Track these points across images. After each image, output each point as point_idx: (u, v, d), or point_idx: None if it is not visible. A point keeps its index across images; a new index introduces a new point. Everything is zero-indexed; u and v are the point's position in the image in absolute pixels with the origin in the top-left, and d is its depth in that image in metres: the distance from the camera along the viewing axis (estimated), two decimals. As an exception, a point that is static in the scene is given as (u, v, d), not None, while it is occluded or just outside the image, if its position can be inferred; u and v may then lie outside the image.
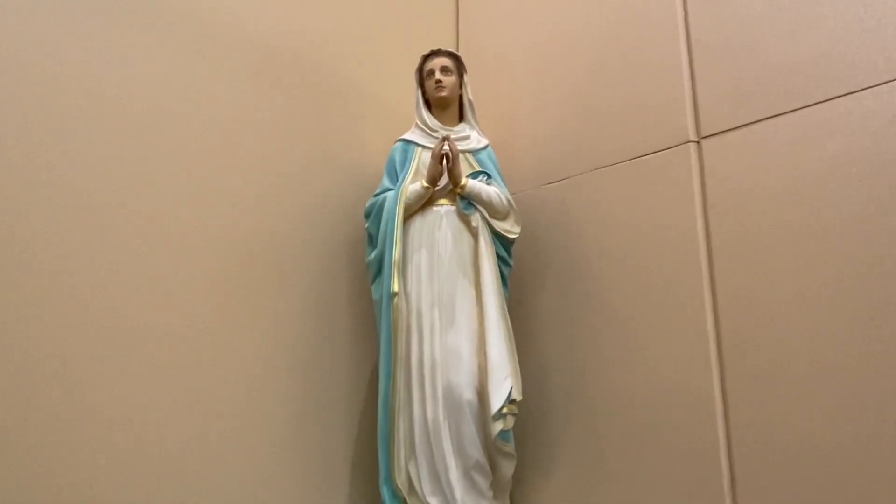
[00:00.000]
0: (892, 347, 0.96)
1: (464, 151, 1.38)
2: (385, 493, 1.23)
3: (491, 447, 1.26)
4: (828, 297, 1.04)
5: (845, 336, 1.01)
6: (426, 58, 1.43)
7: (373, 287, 1.33)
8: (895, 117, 1.00)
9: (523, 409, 1.33)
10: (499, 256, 1.35)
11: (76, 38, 1.12)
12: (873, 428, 0.96)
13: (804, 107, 1.10)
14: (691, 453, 1.16)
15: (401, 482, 1.24)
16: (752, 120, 1.17)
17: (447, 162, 1.31)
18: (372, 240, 1.35)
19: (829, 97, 1.08)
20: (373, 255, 1.33)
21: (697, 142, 1.25)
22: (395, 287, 1.27)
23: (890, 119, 1.01)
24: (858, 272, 1.01)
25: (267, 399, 1.27)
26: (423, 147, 1.39)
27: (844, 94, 1.06)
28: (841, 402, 1.00)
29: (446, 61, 1.42)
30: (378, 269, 1.32)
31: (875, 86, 1.03)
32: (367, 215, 1.37)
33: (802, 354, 1.06)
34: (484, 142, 1.44)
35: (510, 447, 1.28)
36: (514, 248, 1.40)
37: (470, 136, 1.42)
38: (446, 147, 1.31)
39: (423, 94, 1.44)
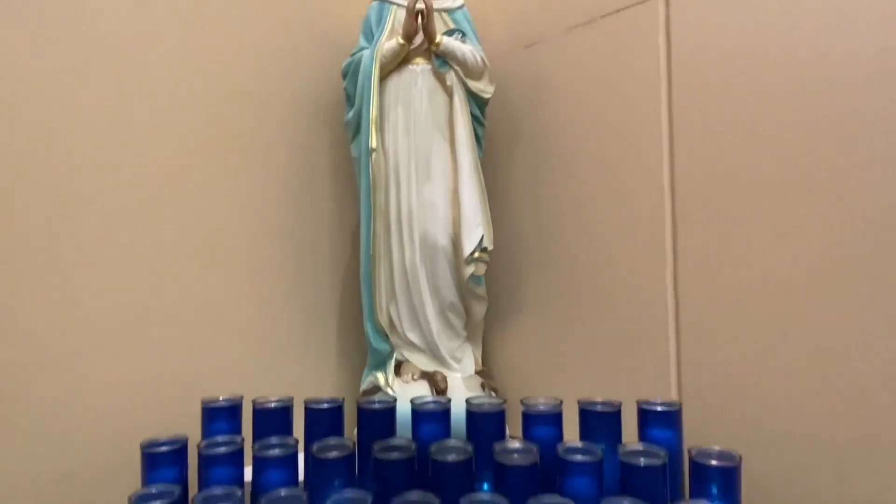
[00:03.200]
0: (844, 209, 1.04)
1: (439, 10, 1.39)
2: (369, 328, 1.37)
3: (464, 290, 1.39)
4: (781, 150, 1.11)
5: (797, 185, 1.08)
6: (401, -89, 1.40)
7: (352, 146, 1.40)
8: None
9: (495, 260, 1.45)
10: (473, 116, 1.41)
11: None
12: (818, 292, 1.08)
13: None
14: (640, 293, 1.29)
15: (383, 321, 1.38)
16: (720, -29, 1.19)
17: (422, 18, 1.33)
18: (350, 99, 1.39)
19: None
20: (351, 113, 1.38)
21: (666, -5, 1.27)
22: (374, 143, 1.33)
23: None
24: (818, 123, 1.06)
25: (256, 254, 1.38)
26: (399, 5, 1.40)
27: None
28: (788, 260, 1.11)
29: (422, -85, 1.39)
30: (356, 127, 1.37)
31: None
32: (345, 75, 1.40)
33: (752, 211, 1.14)
34: (459, 1, 1.45)
35: (482, 290, 1.42)
36: (487, 110, 1.46)
37: (445, -6, 1.43)
38: (421, 3, 1.32)
39: (398, -50, 1.42)
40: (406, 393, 1.25)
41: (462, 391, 1.29)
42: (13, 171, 1.06)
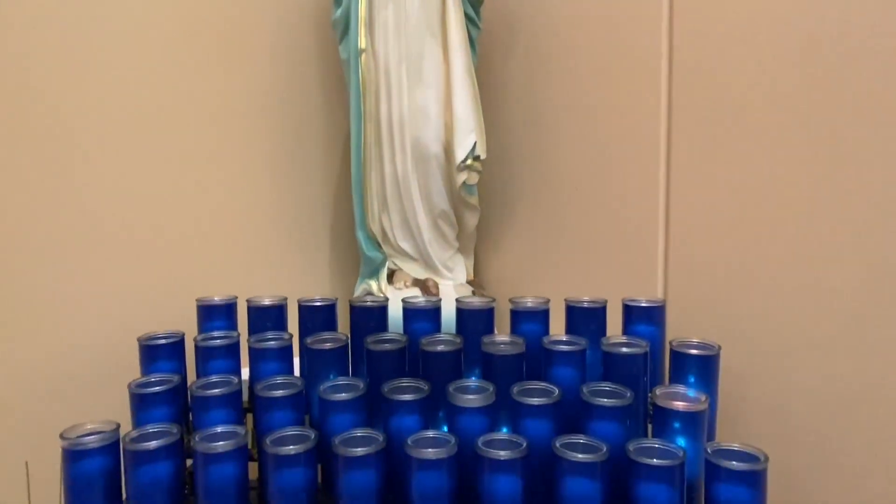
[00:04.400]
0: (838, 118, 1.02)
1: None
2: (361, 237, 1.38)
3: (456, 199, 1.39)
4: (777, 67, 1.05)
5: (797, 101, 1.06)
6: None
7: (340, 47, 1.35)
8: None
9: (488, 169, 1.44)
10: (467, 17, 1.35)
11: None
12: (811, 201, 1.07)
13: None
14: (632, 203, 1.28)
15: (375, 230, 1.38)
16: None
17: None
18: (337, -3, 1.33)
19: None
20: (338, 12, 1.32)
21: None
22: (363, 44, 1.28)
23: None
24: (811, 46, 1.02)
25: (247, 158, 1.36)
26: None
27: None
28: (781, 172, 1.09)
29: None
30: (345, 28, 1.32)
31: None
32: (332, -29, 1.33)
33: (748, 116, 1.12)
34: None
35: (474, 199, 1.41)
36: (482, 10, 1.40)
37: None
38: None
39: None
40: (398, 300, 1.27)
41: (453, 298, 1.31)
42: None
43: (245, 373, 0.98)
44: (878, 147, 0.93)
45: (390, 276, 1.40)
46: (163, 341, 0.96)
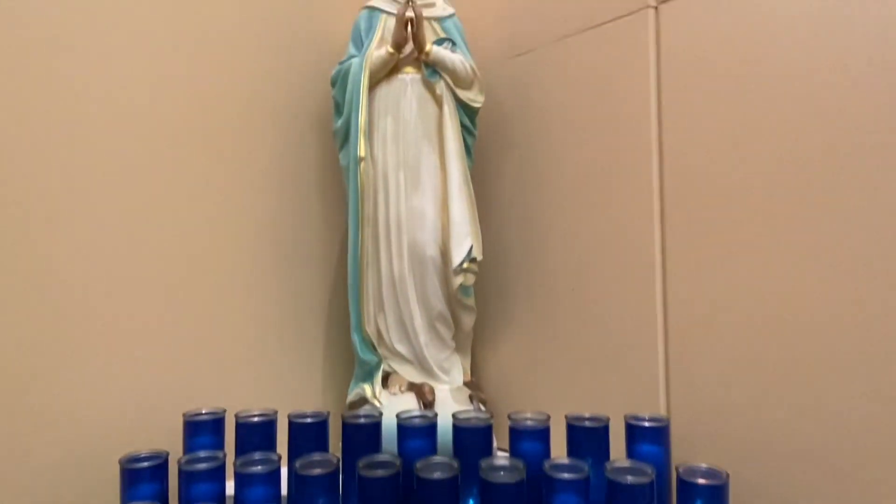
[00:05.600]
0: (836, 214, 1.04)
1: (428, 18, 1.39)
2: (356, 339, 1.35)
3: (453, 300, 1.38)
4: (769, 154, 1.11)
5: (787, 190, 1.09)
6: (390, -82, 1.39)
7: (340, 154, 1.39)
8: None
9: (484, 270, 1.44)
10: (463, 126, 1.40)
11: None
12: (806, 302, 1.07)
13: (758, -33, 1.12)
14: (630, 303, 1.28)
15: (370, 332, 1.36)
16: (709, -17, 1.19)
17: (411, 27, 1.32)
18: (339, 108, 1.38)
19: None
20: (339, 122, 1.37)
21: (655, 7, 1.27)
22: (362, 151, 1.32)
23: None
24: (805, 129, 1.07)
25: (243, 262, 1.36)
26: (389, 14, 1.39)
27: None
28: (778, 253, 1.10)
29: (412, -77, 1.38)
30: (345, 136, 1.36)
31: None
32: (334, 83, 1.39)
33: (739, 205, 1.14)
34: (450, 10, 1.44)
35: (471, 301, 1.40)
36: (478, 119, 1.45)
37: (435, 3, 1.42)
38: (410, 11, 1.32)
39: (389, -42, 1.41)
40: (393, 405, 1.23)
41: (450, 403, 1.28)
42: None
43: (230, 487, 0.92)
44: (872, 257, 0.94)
45: (385, 380, 1.36)
46: (145, 464, 0.91)
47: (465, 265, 1.33)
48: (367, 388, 1.33)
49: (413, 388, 1.33)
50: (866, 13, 0.99)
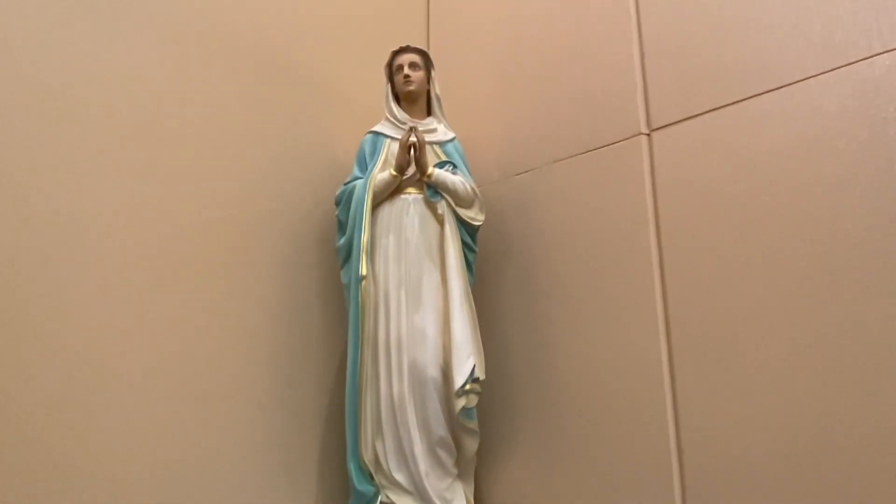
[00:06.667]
0: (834, 318, 1.03)
1: (431, 143, 1.45)
2: (352, 468, 1.27)
3: (455, 424, 1.31)
4: (771, 271, 1.11)
5: (790, 307, 1.08)
6: (395, 54, 1.49)
7: (342, 272, 1.38)
8: (820, 109, 1.09)
9: (487, 390, 1.39)
10: (464, 243, 1.42)
11: (59, 35, 1.15)
12: (822, 427, 1.02)
13: (742, 99, 1.19)
14: (641, 430, 1.22)
15: (368, 458, 1.28)
16: (698, 112, 1.26)
17: (414, 151, 1.37)
18: (342, 226, 1.40)
19: (763, 90, 1.17)
20: (342, 240, 1.38)
21: (648, 134, 1.33)
22: (364, 270, 1.32)
23: (814, 110, 1.10)
24: (798, 248, 1.09)
25: (239, 380, 1.31)
26: (392, 138, 1.45)
27: (776, 88, 1.15)
28: (787, 374, 1.07)
29: (415, 57, 1.48)
30: (347, 254, 1.37)
31: (802, 80, 1.12)
32: (338, 203, 1.42)
33: (746, 327, 1.13)
34: (450, 134, 1.51)
35: (474, 424, 1.34)
36: (478, 236, 1.47)
37: (437, 129, 1.49)
38: (413, 137, 1.37)
39: (393, 88, 1.50)
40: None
41: (452, 542, 1.17)
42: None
43: None
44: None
45: (382, 513, 1.26)
46: None
47: (467, 386, 1.28)
48: (363, 524, 1.23)
49: (412, 523, 1.23)
50: (855, 138, 1.04)
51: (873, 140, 1.03)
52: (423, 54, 1.51)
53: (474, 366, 1.29)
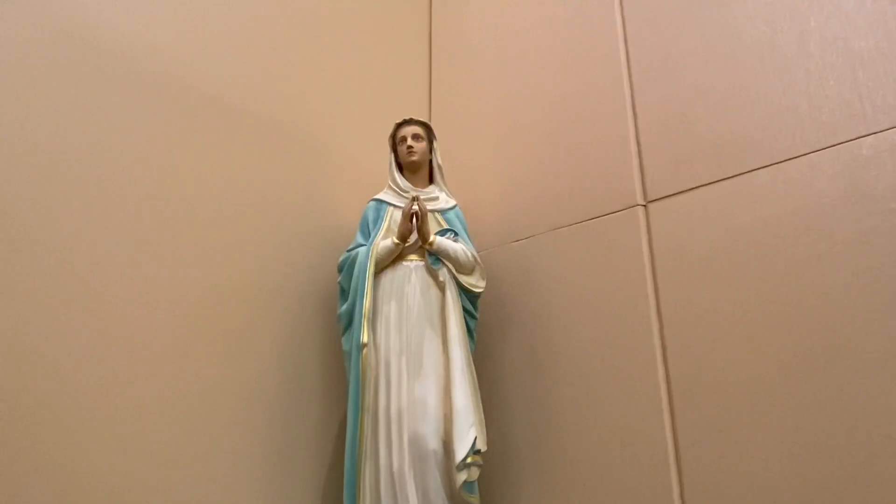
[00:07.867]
0: (831, 388, 1.04)
1: (433, 211, 1.48)
2: (350, 543, 1.23)
3: (456, 498, 1.28)
4: (767, 340, 1.13)
5: (788, 376, 1.09)
6: (399, 126, 1.55)
7: (343, 339, 1.38)
8: (810, 185, 1.13)
9: (488, 460, 1.36)
10: (465, 310, 1.42)
11: (68, 106, 1.20)
12: (820, 469, 1.02)
13: (736, 175, 1.23)
14: (647, 498, 1.19)
15: (365, 535, 1.24)
16: (692, 186, 1.30)
17: (416, 220, 1.40)
18: (343, 293, 1.41)
19: (756, 167, 1.21)
20: (344, 307, 1.38)
21: (644, 205, 1.36)
22: (365, 338, 1.32)
23: (805, 187, 1.14)
24: (793, 318, 1.10)
25: (236, 447, 1.29)
26: (395, 206, 1.48)
27: (769, 165, 1.19)
28: (787, 444, 1.06)
29: (417, 129, 1.53)
30: (349, 321, 1.37)
31: (794, 158, 1.16)
32: (340, 269, 1.44)
33: (747, 395, 1.13)
34: (452, 202, 1.54)
35: (475, 498, 1.30)
36: (479, 302, 1.47)
37: (439, 197, 1.52)
38: (416, 206, 1.40)
39: (396, 158, 1.55)
40: None
41: None
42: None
43: None
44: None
45: None
46: None
47: (469, 459, 1.25)
48: None
49: None
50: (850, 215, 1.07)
51: (862, 216, 1.06)
52: (426, 126, 1.56)
53: (475, 437, 1.27)
